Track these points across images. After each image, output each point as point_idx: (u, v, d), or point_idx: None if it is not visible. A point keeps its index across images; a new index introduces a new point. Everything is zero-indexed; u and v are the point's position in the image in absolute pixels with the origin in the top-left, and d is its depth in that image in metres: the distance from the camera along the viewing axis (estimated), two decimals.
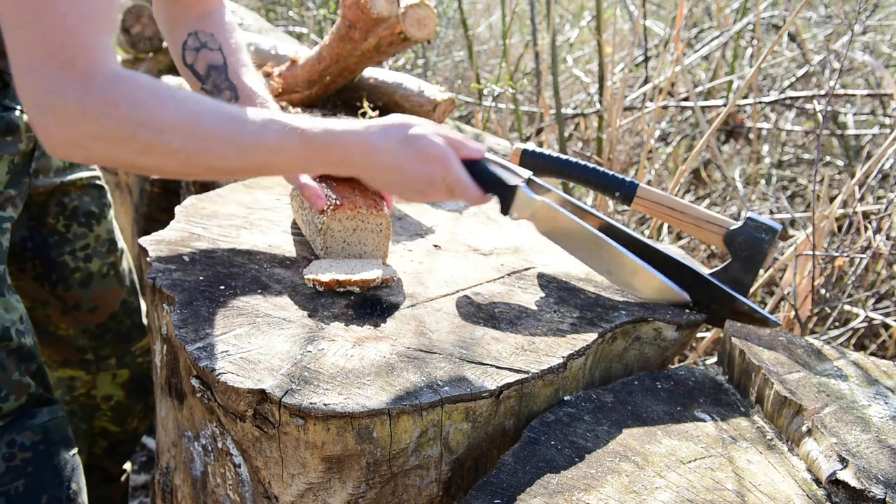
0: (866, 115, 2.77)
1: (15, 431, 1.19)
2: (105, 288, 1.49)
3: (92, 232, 1.46)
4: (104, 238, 1.48)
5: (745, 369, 1.04)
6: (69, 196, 1.43)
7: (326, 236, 1.11)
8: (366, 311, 1.01)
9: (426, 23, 1.72)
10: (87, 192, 1.46)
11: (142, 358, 1.60)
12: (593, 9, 2.97)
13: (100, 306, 1.50)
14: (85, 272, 1.46)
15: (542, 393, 0.93)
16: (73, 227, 1.44)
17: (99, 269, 1.48)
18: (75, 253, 1.44)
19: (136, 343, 1.58)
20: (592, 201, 2.73)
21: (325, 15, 3.27)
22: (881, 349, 1.96)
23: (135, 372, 1.59)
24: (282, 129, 0.96)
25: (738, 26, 2.66)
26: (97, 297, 1.49)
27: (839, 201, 1.60)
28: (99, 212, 1.47)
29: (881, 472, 0.81)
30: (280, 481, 0.87)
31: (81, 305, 1.48)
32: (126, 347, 1.56)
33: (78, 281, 1.46)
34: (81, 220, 1.44)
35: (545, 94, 2.72)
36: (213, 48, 1.22)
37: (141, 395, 1.63)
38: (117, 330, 1.54)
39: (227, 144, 0.93)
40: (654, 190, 1.25)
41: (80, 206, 1.44)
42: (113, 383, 1.58)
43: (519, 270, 1.19)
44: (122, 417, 1.62)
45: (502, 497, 0.77)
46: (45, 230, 1.41)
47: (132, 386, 1.60)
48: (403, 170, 1.02)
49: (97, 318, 1.50)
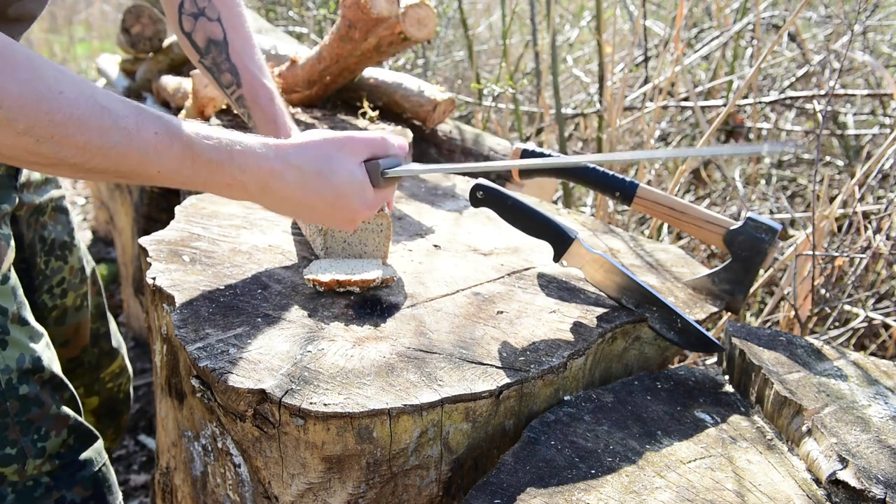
0: (866, 115, 2.77)
1: (65, 487, 1.10)
2: (78, 321, 1.42)
3: (66, 264, 1.38)
4: (77, 268, 1.40)
5: (745, 369, 1.04)
6: (47, 229, 1.34)
7: (327, 236, 1.11)
8: (366, 311, 1.01)
9: (426, 23, 1.72)
10: (57, 218, 1.37)
11: (111, 383, 1.54)
12: (593, 9, 2.97)
13: (72, 340, 1.43)
14: (61, 309, 1.39)
15: (542, 393, 0.93)
16: (52, 262, 1.36)
17: (73, 302, 1.40)
18: (52, 290, 1.37)
19: (105, 370, 1.52)
20: (592, 201, 2.73)
21: (325, 15, 3.27)
22: (881, 349, 1.96)
23: (105, 397, 1.53)
24: (165, 131, 0.81)
25: (738, 26, 2.66)
26: (70, 331, 1.42)
27: (839, 201, 1.60)
28: (70, 240, 1.39)
29: (881, 472, 0.81)
30: (280, 481, 0.87)
31: (54, 342, 1.37)
32: (96, 376, 1.50)
33: (54, 319, 1.38)
34: (57, 252, 1.36)
35: (545, 94, 2.72)
36: (211, 17, 1.14)
37: (112, 417, 1.57)
38: (88, 361, 1.47)
39: (90, 135, 0.76)
40: (654, 190, 1.25)
41: (56, 239, 1.36)
42: (83, 412, 1.52)
43: (519, 270, 1.19)
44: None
45: (502, 497, 0.77)
46: (33, 272, 1.34)
47: (102, 411, 1.54)
48: (313, 210, 0.91)
49: (69, 353, 1.43)
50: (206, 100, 1.76)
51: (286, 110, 1.22)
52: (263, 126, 1.19)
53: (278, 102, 1.20)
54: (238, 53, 1.16)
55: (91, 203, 4.15)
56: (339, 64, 1.80)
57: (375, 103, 1.96)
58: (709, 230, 1.21)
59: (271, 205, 0.92)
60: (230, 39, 1.15)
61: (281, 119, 1.19)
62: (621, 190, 1.25)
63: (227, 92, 1.21)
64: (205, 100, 1.76)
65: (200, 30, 1.15)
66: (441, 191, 1.53)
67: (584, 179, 1.28)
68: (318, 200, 0.90)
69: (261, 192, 0.89)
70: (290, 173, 0.88)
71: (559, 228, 1.10)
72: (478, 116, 2.91)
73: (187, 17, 1.15)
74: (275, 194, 0.89)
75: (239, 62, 1.16)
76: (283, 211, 0.94)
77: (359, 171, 0.92)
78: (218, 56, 1.16)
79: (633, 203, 1.25)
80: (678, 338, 1.06)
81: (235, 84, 1.18)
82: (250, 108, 1.20)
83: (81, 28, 8.60)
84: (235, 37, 1.16)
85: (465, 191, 1.54)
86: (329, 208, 0.91)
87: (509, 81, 2.39)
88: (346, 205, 0.92)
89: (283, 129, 1.18)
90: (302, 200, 0.90)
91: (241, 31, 1.17)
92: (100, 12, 8.31)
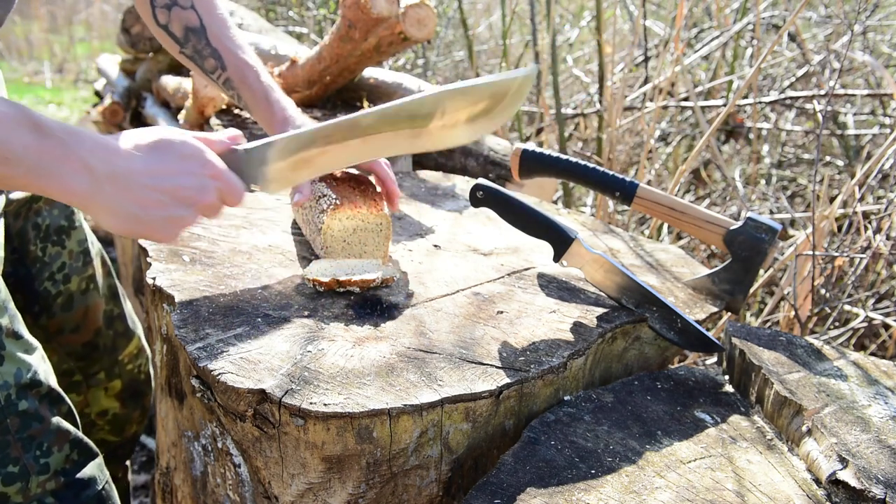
0: (866, 115, 2.77)
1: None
2: (87, 304, 1.41)
3: (65, 248, 1.36)
4: (77, 251, 1.39)
5: (745, 369, 1.04)
6: (41, 216, 1.33)
7: (326, 236, 1.11)
8: (366, 311, 1.01)
9: (426, 23, 1.72)
10: (54, 203, 1.35)
11: (131, 364, 1.53)
12: (593, 9, 2.97)
13: (82, 325, 1.42)
14: (66, 295, 1.37)
15: (542, 393, 0.93)
16: (49, 248, 1.34)
17: (78, 286, 1.39)
18: (54, 276, 1.35)
19: (122, 351, 1.51)
20: (592, 201, 2.73)
21: (325, 15, 3.27)
22: (881, 349, 1.96)
23: (127, 380, 1.53)
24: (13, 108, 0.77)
25: (738, 26, 2.66)
26: (79, 316, 1.40)
27: (839, 201, 1.60)
28: (68, 224, 1.37)
29: (881, 472, 0.81)
30: (280, 481, 0.87)
31: (64, 329, 1.39)
32: (114, 358, 1.50)
33: (60, 305, 1.37)
34: (54, 238, 1.35)
35: (545, 94, 2.72)
36: (184, 6, 1.12)
37: (137, 400, 1.57)
38: (103, 345, 1.47)
39: None
40: (654, 190, 1.25)
41: (51, 224, 1.34)
42: (107, 396, 1.51)
43: (519, 270, 1.19)
44: (121, 427, 1.57)
45: (502, 497, 0.77)
46: (28, 261, 1.32)
47: (126, 394, 1.54)
48: (164, 176, 0.85)
49: (82, 338, 1.42)
50: (206, 100, 1.76)
51: (276, 86, 1.18)
52: (255, 105, 1.16)
53: (266, 79, 1.17)
54: (217, 37, 1.14)
55: None
56: (339, 64, 1.80)
57: (375, 103, 1.96)
58: (709, 230, 1.21)
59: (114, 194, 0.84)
60: (207, 24, 1.14)
61: (272, 95, 1.16)
62: (621, 190, 1.25)
63: (212, 78, 1.18)
64: (205, 100, 1.76)
65: (176, 19, 1.14)
66: (441, 191, 1.53)
67: (584, 179, 1.28)
68: (165, 168, 0.86)
69: (109, 176, 0.83)
70: (132, 148, 0.85)
71: (559, 228, 1.10)
72: None
73: (161, 9, 1.14)
74: (119, 178, 0.83)
75: (220, 45, 1.14)
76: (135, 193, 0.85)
77: (189, 137, 0.89)
78: (198, 43, 1.14)
79: (633, 203, 1.25)
80: (678, 338, 1.06)
81: (220, 67, 1.15)
82: (239, 89, 1.16)
83: (81, 28, 8.60)
84: (211, 21, 1.14)
85: (465, 191, 1.54)
86: (182, 165, 0.87)
87: None
88: (192, 168, 0.88)
89: (275, 105, 1.15)
90: (152, 172, 0.85)
91: (216, 15, 1.16)
92: (100, 12, 8.31)
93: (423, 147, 1.00)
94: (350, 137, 0.98)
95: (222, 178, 0.91)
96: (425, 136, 0.99)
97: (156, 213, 0.86)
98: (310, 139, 0.98)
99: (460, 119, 0.98)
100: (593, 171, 1.27)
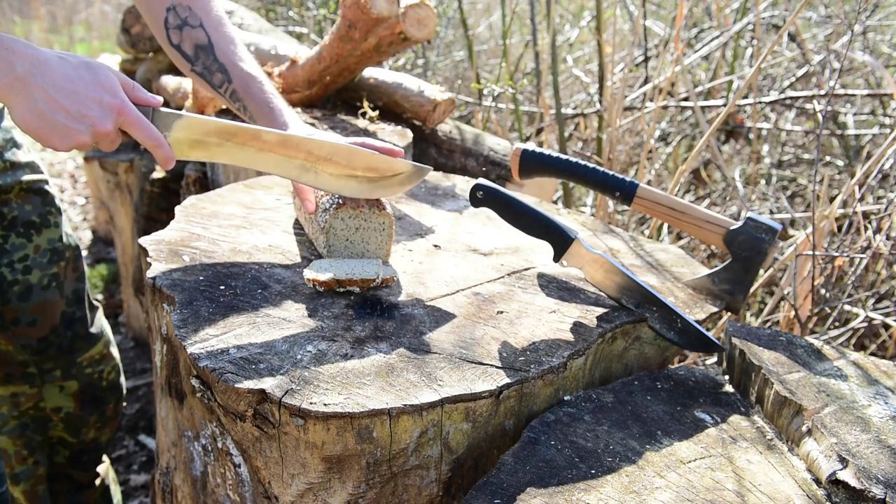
0: (866, 115, 2.77)
1: None
2: (45, 300, 1.42)
3: (31, 242, 1.39)
4: (45, 248, 1.41)
5: (745, 369, 1.04)
6: (8, 206, 1.36)
7: (329, 235, 1.11)
8: (366, 311, 1.01)
9: (426, 23, 1.73)
10: (29, 199, 1.38)
11: (90, 369, 1.54)
12: (593, 9, 2.97)
13: (39, 319, 1.43)
14: (24, 284, 1.39)
15: (542, 393, 0.93)
16: (11, 237, 1.37)
17: (39, 280, 1.40)
18: (13, 265, 1.37)
19: (81, 354, 1.51)
20: (592, 201, 2.73)
21: (325, 15, 3.28)
22: (881, 349, 1.96)
23: (84, 383, 1.53)
24: None
25: (738, 26, 2.66)
26: (37, 309, 1.42)
27: (839, 201, 1.60)
28: (41, 221, 1.40)
29: (881, 472, 0.81)
30: (280, 481, 0.87)
31: (20, 319, 1.41)
32: (71, 359, 1.50)
33: (17, 294, 1.39)
34: (20, 230, 1.37)
35: (545, 94, 2.72)
36: (194, 25, 1.20)
37: (95, 405, 1.57)
38: (59, 343, 1.47)
39: None
40: (654, 190, 1.25)
41: (19, 216, 1.37)
42: (61, 395, 1.51)
43: (519, 270, 1.19)
44: (77, 428, 1.57)
45: (502, 497, 0.77)
46: None
47: (84, 397, 1.54)
48: (77, 89, 0.95)
49: (38, 332, 1.43)
50: (206, 100, 1.76)
51: (277, 94, 1.24)
52: (260, 114, 1.22)
53: (269, 88, 1.23)
54: (224, 52, 1.21)
55: (91, 203, 4.15)
56: (339, 64, 1.80)
57: (375, 103, 1.96)
58: (709, 230, 1.21)
59: (36, 90, 0.94)
60: (214, 41, 1.21)
61: (275, 102, 1.22)
62: (621, 190, 1.25)
63: (220, 92, 1.24)
64: (205, 100, 1.76)
65: (187, 39, 1.21)
66: (441, 191, 1.53)
67: (584, 179, 1.28)
68: (81, 81, 0.95)
69: (30, 73, 0.92)
70: (58, 57, 0.95)
71: (559, 228, 1.10)
72: (478, 116, 2.90)
73: (173, 30, 1.21)
74: (38, 77, 0.93)
75: (226, 59, 1.21)
76: (49, 94, 0.95)
77: (117, 73, 1.00)
78: (206, 59, 1.21)
79: (633, 203, 1.25)
80: (678, 338, 1.06)
81: (226, 80, 1.21)
82: (244, 100, 1.23)
83: (81, 28, 8.59)
84: (219, 38, 1.21)
85: (465, 191, 1.54)
86: (94, 86, 0.96)
87: (509, 81, 2.39)
88: (101, 95, 0.96)
89: (277, 113, 1.21)
90: (68, 78, 0.95)
91: (224, 32, 1.23)
92: (100, 12, 8.30)
93: (308, 181, 1.10)
94: (249, 144, 1.06)
95: (126, 114, 0.98)
96: (313, 174, 1.09)
97: (59, 119, 0.95)
98: (215, 129, 1.05)
99: (349, 174, 1.09)
100: (593, 171, 1.27)
